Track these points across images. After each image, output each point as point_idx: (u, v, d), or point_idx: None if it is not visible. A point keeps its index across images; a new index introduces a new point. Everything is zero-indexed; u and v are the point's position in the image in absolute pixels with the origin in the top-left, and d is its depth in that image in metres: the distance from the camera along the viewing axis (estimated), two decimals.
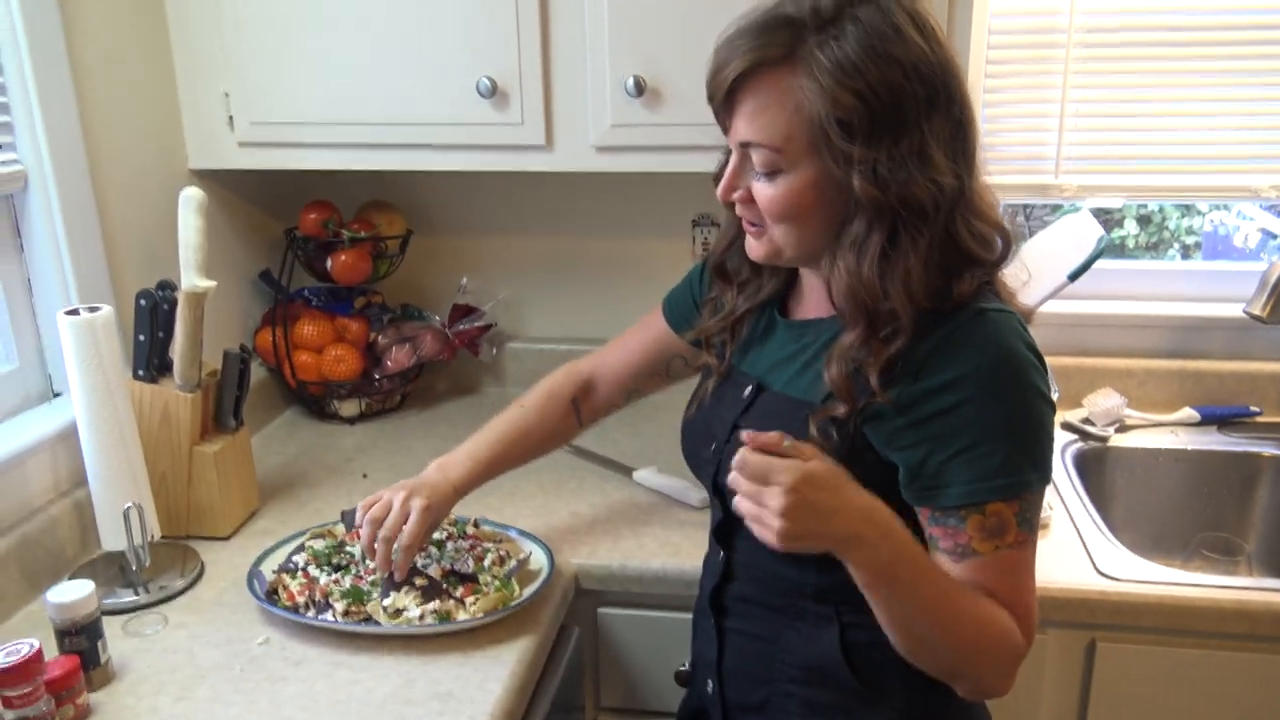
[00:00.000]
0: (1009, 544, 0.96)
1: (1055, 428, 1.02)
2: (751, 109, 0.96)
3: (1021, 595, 0.98)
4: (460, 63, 1.55)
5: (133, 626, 1.26)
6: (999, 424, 0.94)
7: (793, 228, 1.00)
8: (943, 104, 0.93)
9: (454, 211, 2.00)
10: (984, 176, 1.01)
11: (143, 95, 1.59)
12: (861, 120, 0.91)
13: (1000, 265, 1.00)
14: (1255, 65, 1.73)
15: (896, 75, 0.91)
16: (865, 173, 0.92)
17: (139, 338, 1.41)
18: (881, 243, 0.94)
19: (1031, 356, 0.97)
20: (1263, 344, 1.85)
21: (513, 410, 1.39)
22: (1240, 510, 1.76)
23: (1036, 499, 0.98)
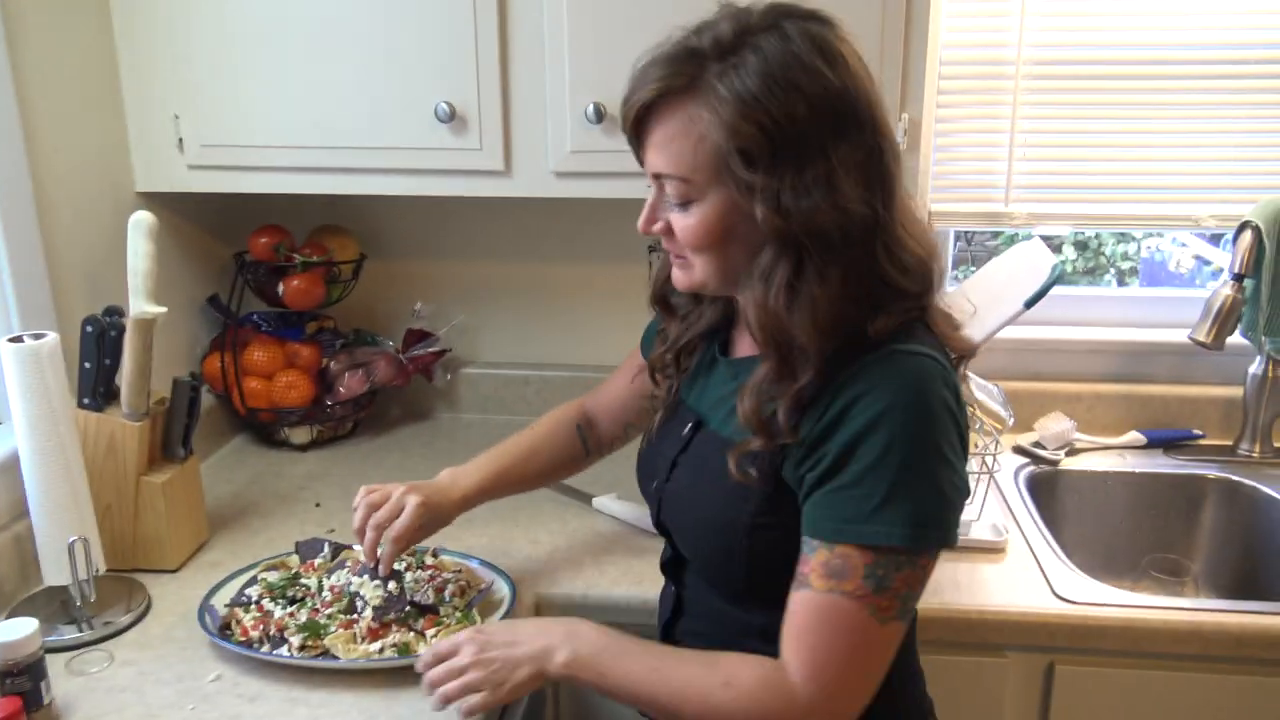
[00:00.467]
0: (845, 592, 0.91)
1: (958, 489, 0.94)
2: (659, 139, 0.96)
3: (830, 657, 0.93)
4: (418, 87, 1.53)
5: (77, 665, 1.22)
6: (885, 472, 0.90)
7: (711, 258, 0.98)
8: (852, 131, 0.91)
9: (407, 235, 1.98)
10: (913, 204, 1.00)
11: (89, 116, 1.55)
12: (762, 149, 0.90)
13: (925, 297, 0.98)
14: (1195, 99, 1.78)
15: (798, 104, 0.89)
16: (768, 202, 0.91)
17: (85, 365, 1.37)
18: (788, 274, 0.92)
19: (943, 407, 0.93)
20: (1205, 369, 1.90)
21: (522, 432, 1.39)
22: (1186, 531, 1.80)
23: (903, 561, 0.91)
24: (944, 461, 0.92)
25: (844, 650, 0.93)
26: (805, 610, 0.94)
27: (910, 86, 1.51)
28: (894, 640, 0.95)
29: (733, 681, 0.97)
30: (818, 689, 0.94)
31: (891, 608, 0.92)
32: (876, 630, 0.92)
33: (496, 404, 2.02)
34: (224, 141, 1.60)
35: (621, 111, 0.98)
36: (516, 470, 1.35)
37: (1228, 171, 1.82)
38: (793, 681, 0.95)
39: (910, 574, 0.92)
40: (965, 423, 0.97)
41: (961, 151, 1.86)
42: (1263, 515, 1.72)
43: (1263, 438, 1.81)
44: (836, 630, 0.93)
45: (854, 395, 0.92)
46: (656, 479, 1.14)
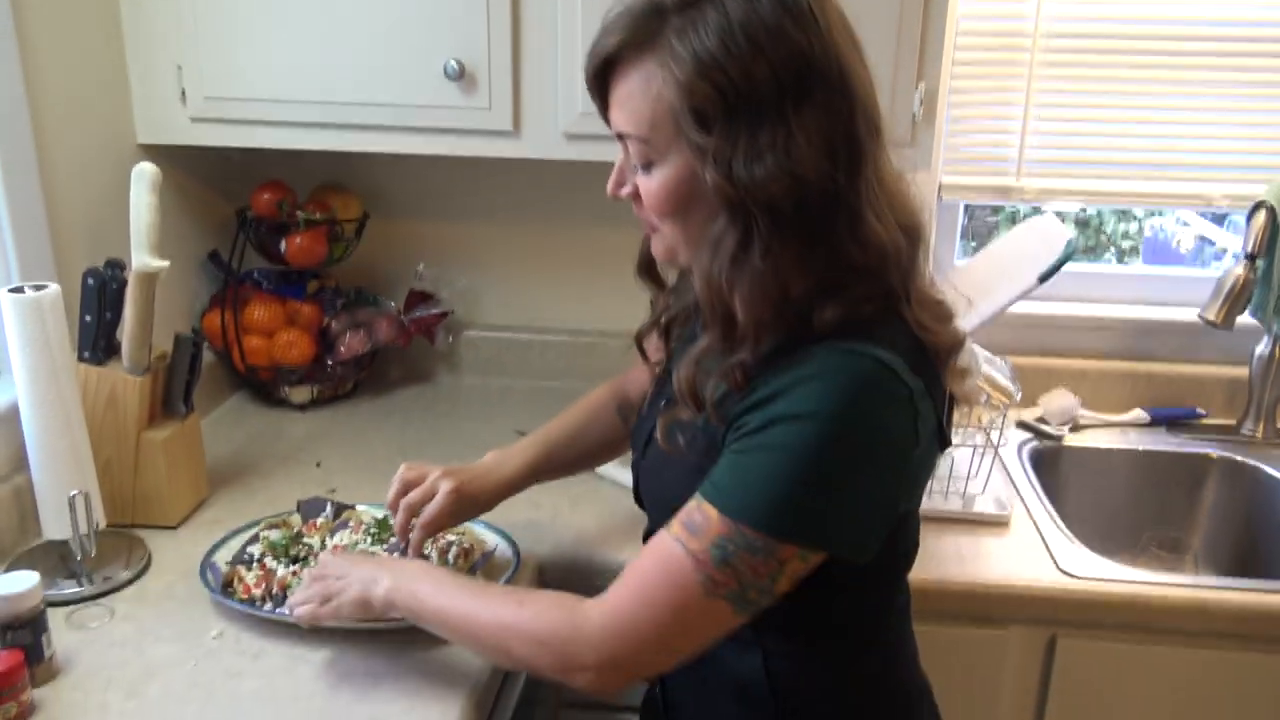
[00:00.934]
0: (689, 549, 0.88)
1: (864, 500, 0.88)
2: (620, 96, 0.91)
3: (639, 599, 0.90)
4: (427, 44, 1.51)
5: (77, 619, 1.21)
6: (780, 456, 0.86)
7: (676, 225, 0.93)
8: (818, 96, 0.85)
9: (411, 195, 1.95)
10: (893, 177, 0.93)
11: (90, 66, 1.52)
12: (717, 110, 0.84)
13: (892, 281, 0.91)
14: (1211, 76, 1.77)
15: (758, 65, 0.83)
16: (720, 167, 0.85)
17: (85, 318, 1.35)
18: (734, 245, 0.87)
19: (873, 421, 0.87)
20: (1210, 348, 1.89)
21: (562, 415, 1.35)
22: (1187, 509, 1.80)
23: (757, 546, 0.86)
24: (853, 475, 0.87)
25: (656, 600, 0.89)
26: (650, 548, 0.92)
27: (928, 57, 1.49)
28: (713, 620, 0.90)
29: (528, 601, 0.98)
30: (608, 623, 0.92)
31: (725, 586, 0.87)
32: (699, 599, 0.88)
33: (498, 367, 2.00)
34: (227, 94, 1.57)
35: (585, 65, 0.94)
36: (561, 454, 1.31)
37: (1241, 150, 1.81)
38: (588, 608, 0.93)
39: (759, 562, 0.87)
40: (917, 432, 0.89)
41: (975, 124, 1.84)
42: (1264, 495, 1.73)
43: (1267, 418, 1.81)
44: (660, 579, 0.89)
45: (785, 385, 0.87)
46: (635, 453, 1.13)
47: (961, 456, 1.56)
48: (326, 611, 1.09)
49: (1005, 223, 2.90)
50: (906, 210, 0.93)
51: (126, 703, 1.06)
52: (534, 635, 0.95)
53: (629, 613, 0.91)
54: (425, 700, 1.08)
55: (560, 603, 0.97)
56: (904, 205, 0.93)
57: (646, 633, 0.91)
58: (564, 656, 0.94)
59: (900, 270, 0.92)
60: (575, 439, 1.32)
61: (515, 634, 0.96)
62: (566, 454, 1.31)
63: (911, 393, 0.88)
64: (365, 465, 1.63)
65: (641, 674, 0.95)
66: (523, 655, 0.97)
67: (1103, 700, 1.40)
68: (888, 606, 1.06)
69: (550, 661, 0.95)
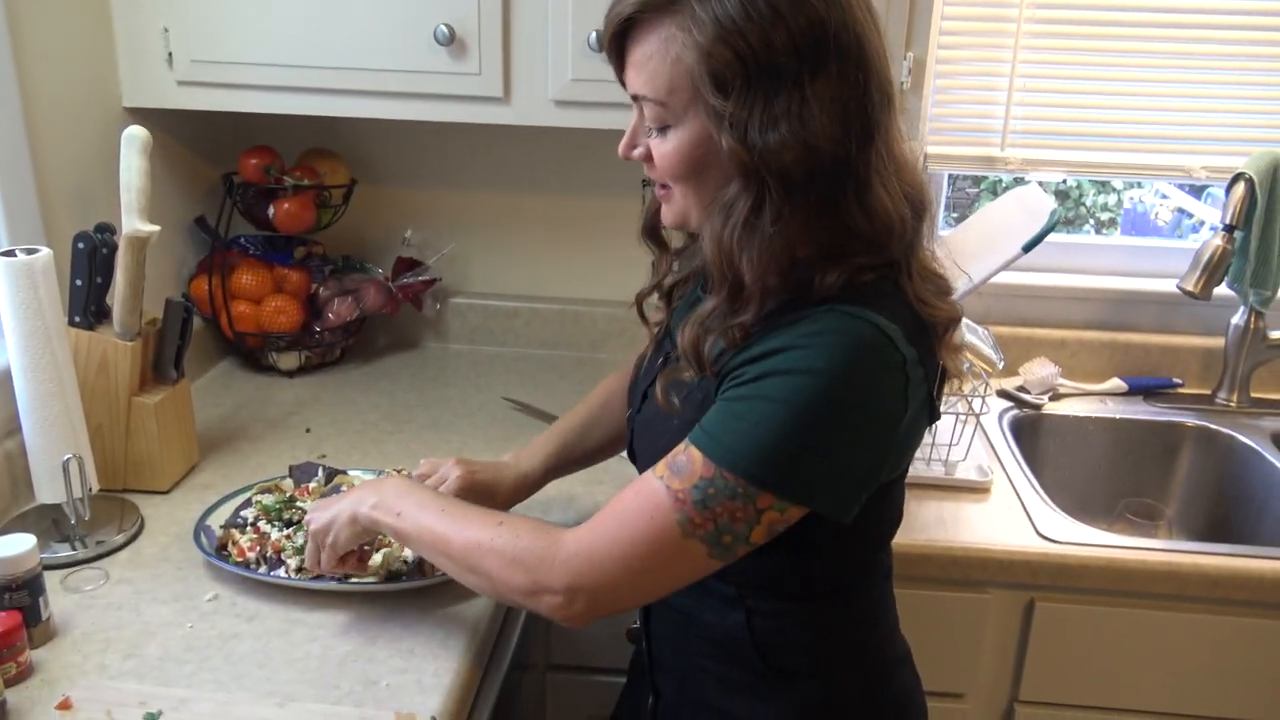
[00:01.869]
0: (671, 488, 0.90)
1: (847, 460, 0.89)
2: (638, 58, 0.91)
3: (615, 531, 0.92)
4: (418, 8, 1.50)
5: (72, 582, 1.22)
6: (770, 409, 0.87)
7: (689, 188, 0.95)
8: (834, 66, 0.86)
9: (399, 161, 1.95)
10: (903, 148, 0.94)
11: (76, 26, 1.50)
12: (735, 76, 0.86)
13: (895, 250, 0.93)
14: (1193, 49, 1.78)
15: (778, 32, 0.84)
16: (735, 132, 0.86)
17: (76, 282, 1.35)
18: (747, 209, 0.89)
19: (860, 377, 0.88)
20: (1186, 319, 1.92)
21: (575, 408, 1.35)
22: (1162, 477, 1.84)
23: (736, 491, 0.88)
24: (842, 435, 0.89)
25: (633, 533, 0.91)
26: (633, 485, 0.94)
27: (916, 26, 1.51)
28: (686, 561, 0.91)
29: (507, 522, 1.00)
30: (581, 549, 0.93)
31: (702, 528, 0.89)
32: (675, 538, 0.90)
33: (485, 334, 2.01)
34: (215, 58, 1.56)
35: (603, 26, 0.94)
36: (577, 446, 1.32)
37: (1221, 124, 1.82)
38: (565, 533, 0.95)
39: (738, 508, 0.88)
40: (907, 401, 0.91)
41: (960, 94, 1.85)
42: (1237, 463, 1.77)
43: (1241, 387, 1.85)
44: (639, 513, 0.91)
45: (784, 342, 0.89)
46: (631, 408, 1.15)
47: (944, 424, 1.58)
48: (331, 545, 1.11)
49: (987, 194, 2.92)
50: (914, 183, 0.95)
51: (125, 663, 1.08)
52: (508, 552, 0.96)
53: (604, 542, 0.93)
54: (420, 659, 1.10)
55: (539, 526, 0.99)
56: (912, 178, 0.95)
57: (618, 563, 0.92)
58: (534, 576, 0.95)
59: (904, 242, 0.93)
60: (589, 430, 1.32)
61: (489, 550, 0.98)
62: (582, 445, 1.32)
63: (905, 360, 0.90)
64: (354, 431, 1.64)
65: (608, 607, 0.95)
66: (494, 572, 0.97)
67: (1079, 662, 1.44)
68: (871, 570, 1.09)
69: (521, 581, 0.96)
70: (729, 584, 1.01)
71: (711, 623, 1.06)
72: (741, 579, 0.99)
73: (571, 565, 0.93)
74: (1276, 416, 1.82)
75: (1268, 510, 1.68)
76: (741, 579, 0.99)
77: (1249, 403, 1.85)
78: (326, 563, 1.13)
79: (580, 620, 0.96)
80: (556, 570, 0.94)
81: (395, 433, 1.64)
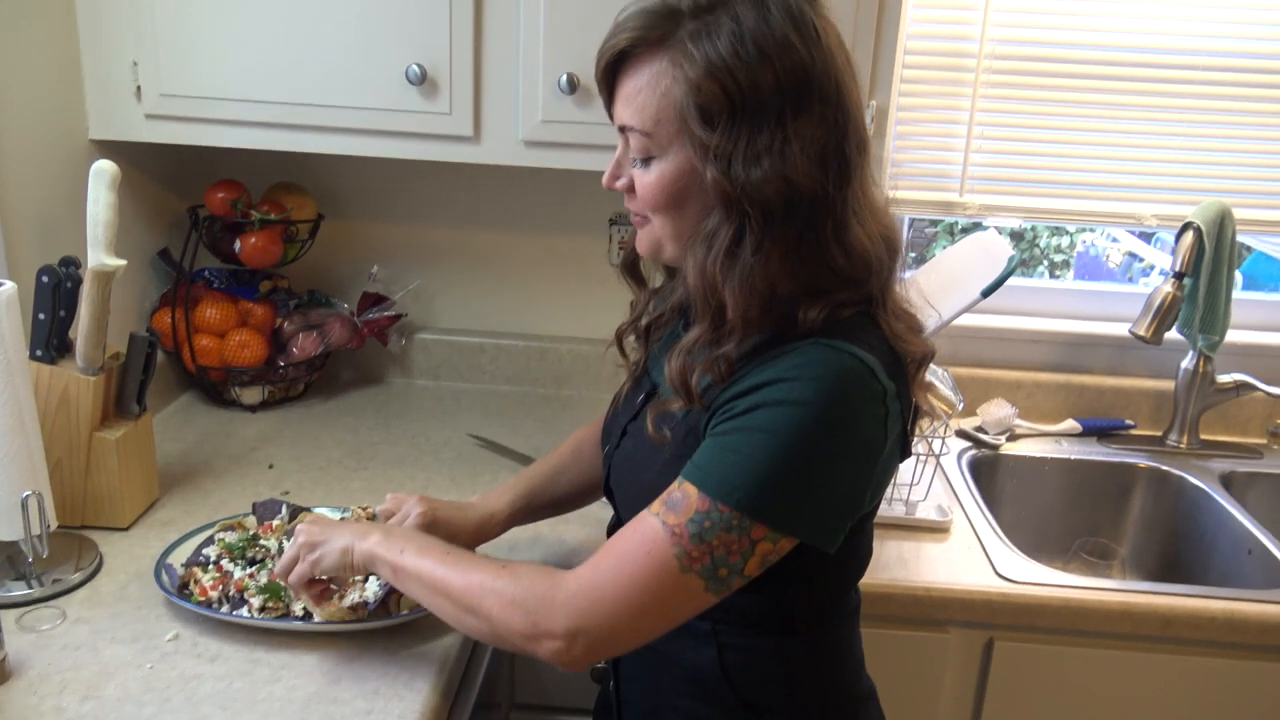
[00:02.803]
0: (667, 523, 0.91)
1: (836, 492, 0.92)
2: (628, 91, 0.96)
3: (615, 568, 0.93)
4: (390, 47, 1.51)
5: (28, 621, 1.19)
6: (761, 440, 0.90)
7: (668, 220, 0.98)
8: (815, 108, 0.91)
9: (366, 197, 1.95)
10: (877, 192, 0.99)
11: (43, 58, 1.50)
12: (722, 110, 0.90)
13: (871, 287, 0.97)
14: (1144, 101, 1.85)
15: (765, 73, 0.89)
16: (719, 164, 0.91)
17: (39, 316, 1.33)
18: (728, 240, 0.92)
19: (854, 414, 0.91)
20: (1138, 362, 1.98)
21: (547, 455, 1.36)
22: (1116, 516, 1.88)
23: (731, 524, 0.89)
24: (830, 464, 0.91)
25: (632, 571, 0.92)
26: (629, 525, 0.95)
27: (879, 74, 1.54)
28: (684, 596, 0.92)
29: (509, 566, 1.00)
30: (580, 589, 0.94)
31: (699, 561, 0.90)
32: (674, 573, 0.91)
33: (450, 370, 2.01)
34: (184, 92, 1.56)
35: (597, 59, 0.98)
36: (546, 491, 1.32)
37: (1171, 173, 1.89)
38: (565, 576, 0.95)
39: (733, 540, 0.90)
40: (887, 432, 0.94)
41: (920, 140, 1.90)
42: (1187, 503, 1.81)
43: (1190, 430, 1.90)
44: (637, 551, 0.92)
45: (771, 375, 0.92)
46: (609, 444, 1.16)
47: (905, 464, 1.60)
48: (306, 567, 1.11)
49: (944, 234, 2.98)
50: (887, 225, 0.99)
51: (83, 705, 1.06)
52: (509, 595, 0.96)
53: (603, 580, 0.93)
54: (386, 699, 1.09)
55: (542, 570, 0.99)
56: (885, 221, 0.99)
57: (619, 603, 0.92)
58: (534, 619, 0.94)
59: (880, 279, 0.97)
60: (557, 477, 1.33)
61: (490, 592, 0.97)
62: (551, 491, 1.32)
63: (886, 392, 0.93)
64: (318, 467, 1.63)
65: (607, 649, 0.95)
66: (494, 614, 0.97)
67: (1038, 700, 1.46)
68: (841, 606, 1.10)
69: (521, 624, 0.95)
70: (703, 619, 1.02)
71: (684, 659, 1.07)
72: (716, 613, 1.00)
73: (572, 606, 0.93)
74: (1224, 458, 1.87)
75: (1216, 549, 1.72)
76: (716, 613, 1.00)
77: (1198, 444, 1.90)
78: (296, 578, 1.12)
79: (580, 664, 0.96)
80: (557, 613, 0.94)
81: (359, 469, 1.63)
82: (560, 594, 0.94)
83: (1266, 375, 1.89)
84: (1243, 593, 1.45)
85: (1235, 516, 1.69)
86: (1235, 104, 1.84)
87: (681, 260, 1.00)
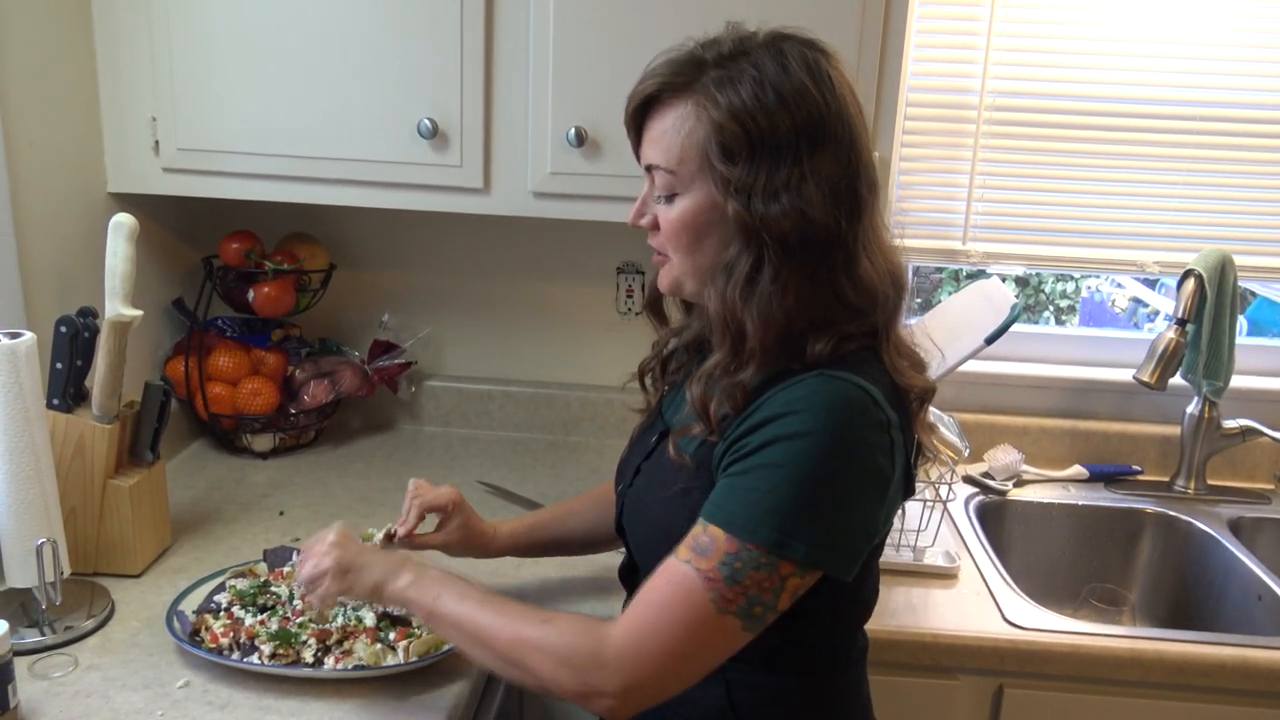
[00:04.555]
0: (699, 569, 0.93)
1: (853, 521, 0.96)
2: (654, 133, 1.02)
3: (656, 621, 0.94)
4: (401, 102, 1.55)
5: (40, 668, 1.20)
6: (780, 475, 0.93)
7: (689, 256, 1.03)
8: (830, 148, 0.97)
9: (376, 246, 1.98)
10: (885, 233, 1.04)
11: (65, 114, 1.54)
12: (742, 147, 0.96)
13: (876, 321, 1.01)
14: (1144, 150, 1.87)
15: (783, 116, 0.95)
16: (740, 198, 0.96)
17: (56, 365, 1.35)
18: (748, 268, 0.97)
19: (861, 442, 0.95)
20: (1144, 407, 1.98)
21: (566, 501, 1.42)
22: (1124, 562, 1.87)
23: (761, 562, 0.92)
24: (845, 492, 0.95)
25: (671, 621, 0.94)
26: (659, 574, 0.97)
27: (881, 125, 1.57)
28: (725, 637, 0.94)
29: (552, 620, 1.00)
30: (628, 646, 0.95)
31: (734, 603, 0.93)
32: (712, 616, 0.93)
33: (459, 417, 2.03)
34: (201, 146, 1.60)
35: (627, 104, 1.04)
36: (551, 527, 1.36)
37: (1172, 221, 1.91)
38: (609, 631, 0.96)
39: (764, 577, 0.92)
40: (894, 462, 0.97)
41: (923, 190, 1.92)
42: (1196, 549, 1.81)
43: (1197, 475, 1.90)
44: (674, 599, 0.94)
45: (779, 409, 0.95)
46: (623, 483, 1.18)
47: (912, 510, 1.62)
48: (335, 587, 1.12)
49: (949, 279, 3.00)
50: (894, 263, 1.04)
51: None
52: (558, 654, 0.97)
53: (647, 635, 0.95)
54: None
55: (583, 623, 1.00)
56: (892, 259, 1.04)
57: (664, 654, 0.94)
58: (584, 678, 0.96)
59: (886, 314, 1.02)
60: (566, 518, 1.37)
61: (537, 649, 0.98)
62: (558, 527, 1.36)
63: (890, 422, 0.97)
64: (328, 514, 1.64)
65: (657, 699, 0.97)
66: (542, 673, 0.98)
67: None
68: (848, 648, 1.12)
69: (571, 683, 0.97)
70: None
71: (692, 697, 1.06)
72: None
73: (622, 665, 0.95)
74: (1232, 504, 1.87)
75: (1227, 596, 1.72)
76: None
77: (1206, 490, 1.90)
78: (321, 596, 1.13)
79: (631, 714, 0.98)
80: (609, 672, 0.95)
81: (369, 515, 1.64)
82: (608, 651, 0.95)
83: (1273, 420, 1.89)
84: (1253, 639, 1.44)
85: (1244, 562, 1.69)
86: (1235, 153, 1.87)
87: (700, 295, 1.04)
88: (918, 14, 1.82)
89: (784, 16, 1.05)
